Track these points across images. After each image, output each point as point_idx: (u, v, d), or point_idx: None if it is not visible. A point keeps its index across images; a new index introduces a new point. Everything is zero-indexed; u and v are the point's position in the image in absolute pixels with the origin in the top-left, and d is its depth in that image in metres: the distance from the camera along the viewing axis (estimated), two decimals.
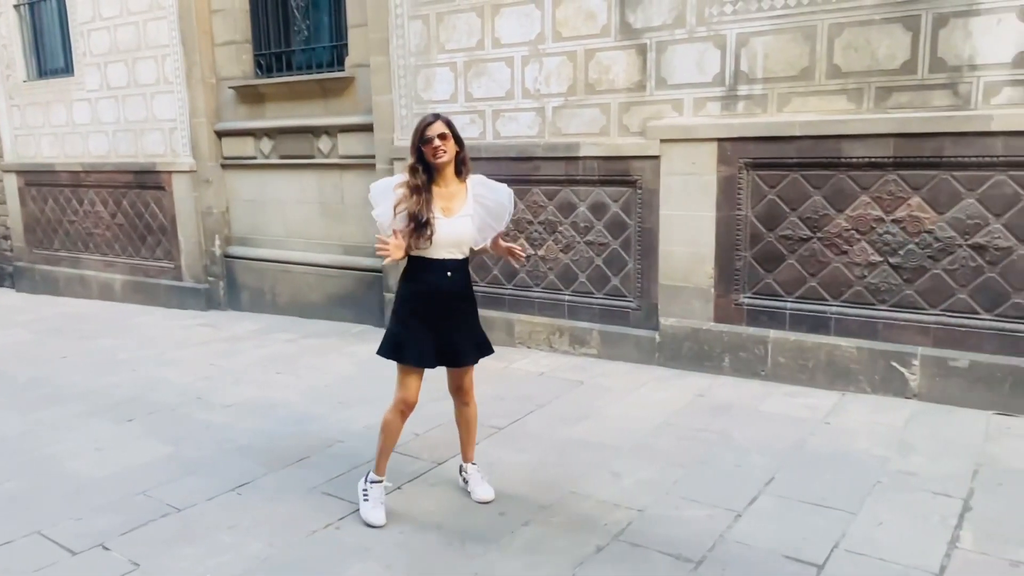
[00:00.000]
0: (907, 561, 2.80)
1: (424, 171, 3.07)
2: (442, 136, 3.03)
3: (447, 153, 3.05)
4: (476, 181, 3.19)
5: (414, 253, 3.11)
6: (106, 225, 8.83)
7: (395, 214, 3.06)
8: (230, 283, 8.03)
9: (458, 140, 3.10)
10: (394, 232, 3.01)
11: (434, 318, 3.16)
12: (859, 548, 2.91)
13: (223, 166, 7.87)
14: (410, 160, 3.10)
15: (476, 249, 3.25)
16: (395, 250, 2.97)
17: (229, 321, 7.52)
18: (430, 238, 3.04)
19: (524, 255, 3.12)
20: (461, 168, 3.15)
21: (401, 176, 3.13)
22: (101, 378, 5.63)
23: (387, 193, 3.11)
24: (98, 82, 8.48)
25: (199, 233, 7.95)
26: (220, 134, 7.78)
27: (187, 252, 8.08)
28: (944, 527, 3.05)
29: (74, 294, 9.24)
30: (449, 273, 3.14)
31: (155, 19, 7.79)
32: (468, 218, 3.12)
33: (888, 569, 2.77)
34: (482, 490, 3.44)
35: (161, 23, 7.75)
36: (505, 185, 3.22)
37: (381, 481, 3.32)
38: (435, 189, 3.10)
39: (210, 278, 8.04)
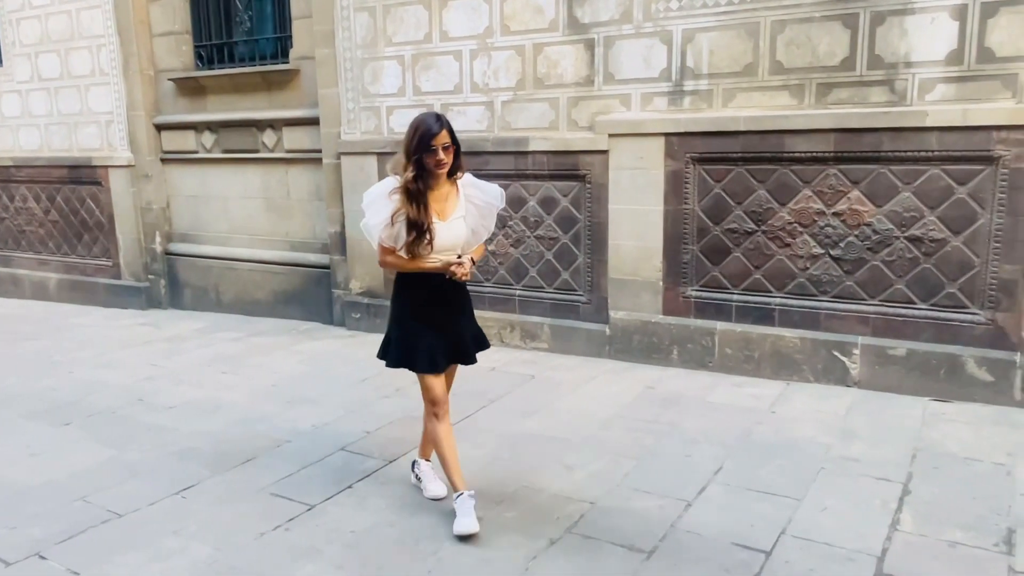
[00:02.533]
0: (850, 545, 2.88)
1: (420, 175, 2.94)
2: (446, 148, 2.93)
3: (448, 164, 2.98)
4: (466, 182, 3.13)
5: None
6: (39, 222, 8.50)
7: (393, 222, 2.95)
8: (172, 281, 7.81)
9: (456, 144, 3.00)
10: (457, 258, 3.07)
11: (439, 320, 3.14)
12: (805, 533, 2.98)
13: (163, 160, 7.65)
14: (408, 170, 2.92)
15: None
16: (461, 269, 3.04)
17: (171, 320, 7.32)
18: (431, 243, 2.99)
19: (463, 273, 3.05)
20: (455, 171, 3.07)
21: (390, 181, 3.00)
22: (36, 381, 5.42)
23: (382, 200, 2.99)
24: (28, 73, 8.15)
25: (138, 230, 7.72)
26: (159, 127, 7.56)
27: (126, 249, 7.83)
28: (885, 511, 3.14)
29: (6, 294, 8.88)
30: (447, 275, 3.08)
31: (89, 7, 7.52)
32: (461, 220, 3.08)
33: (833, 553, 2.84)
34: (435, 487, 3.39)
35: (95, 12, 7.48)
36: (496, 185, 3.19)
37: (462, 494, 3.10)
38: (429, 193, 3.01)
39: (150, 276, 7.81)
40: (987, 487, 3.33)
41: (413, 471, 3.53)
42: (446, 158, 2.95)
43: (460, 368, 3.38)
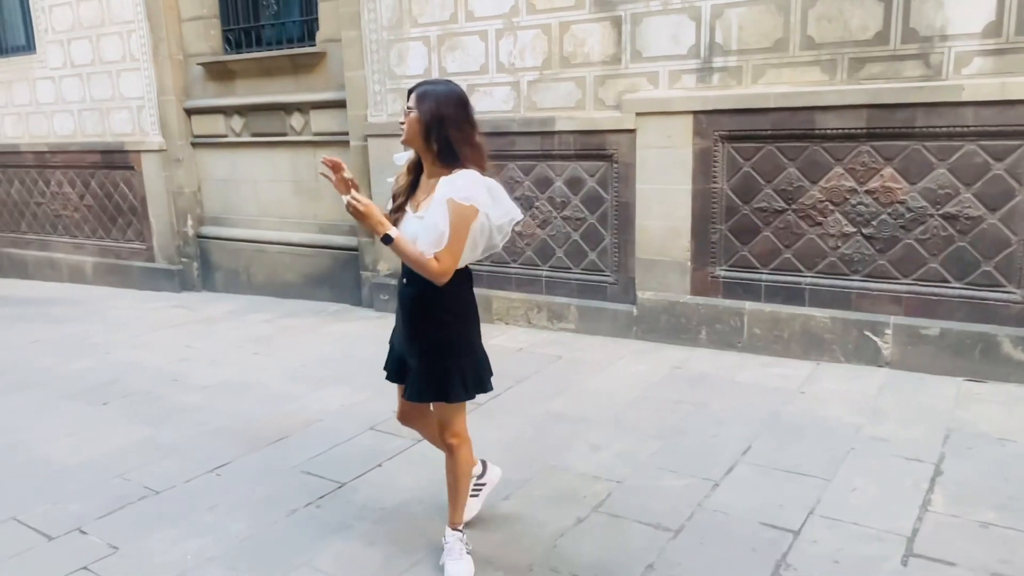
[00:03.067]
0: (880, 525, 2.86)
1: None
2: (409, 112, 2.46)
3: (405, 134, 2.47)
4: (450, 178, 2.42)
5: None
6: (74, 207, 8.66)
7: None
8: (204, 264, 7.93)
9: (430, 120, 2.40)
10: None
11: (397, 328, 2.74)
12: (834, 513, 2.97)
13: (193, 145, 7.74)
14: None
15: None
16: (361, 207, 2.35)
17: (204, 302, 7.44)
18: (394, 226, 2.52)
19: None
20: (442, 157, 2.44)
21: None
22: (73, 362, 5.55)
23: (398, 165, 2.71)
24: (61, 59, 8.27)
25: (171, 213, 7.83)
26: (189, 112, 7.64)
27: (159, 233, 7.96)
28: (916, 491, 3.11)
29: (44, 277, 9.08)
30: (404, 279, 2.60)
31: None
32: (419, 221, 2.47)
33: (862, 533, 2.82)
34: (454, 567, 2.65)
35: None
36: (463, 190, 2.37)
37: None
38: (422, 178, 2.57)
39: (183, 259, 7.94)
40: (1021, 468, 3.27)
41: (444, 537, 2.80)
42: (404, 122, 2.46)
43: (487, 349, 2.75)
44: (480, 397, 4.34)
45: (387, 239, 2.38)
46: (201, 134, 7.66)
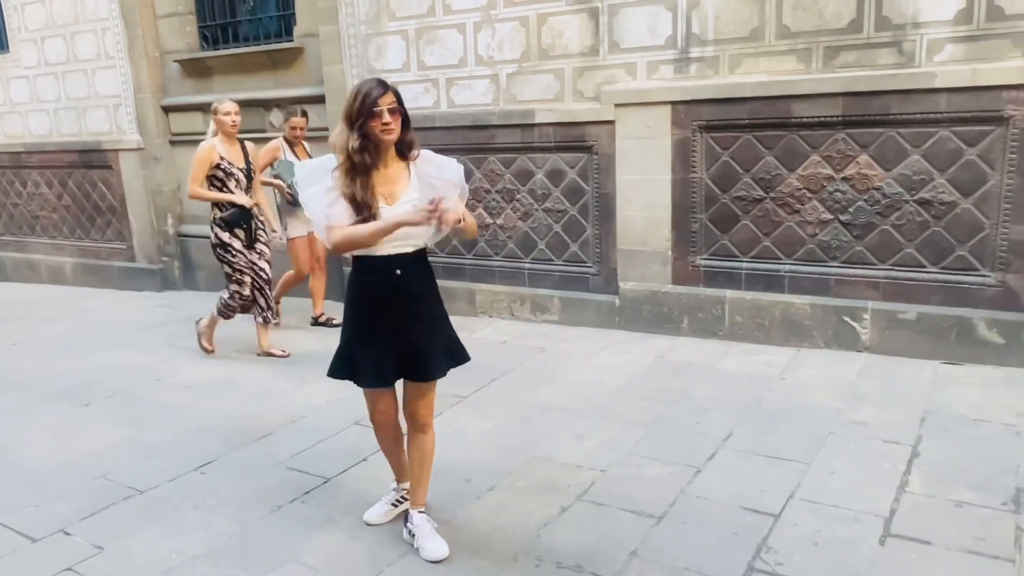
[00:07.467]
0: (859, 507, 2.91)
1: (365, 147, 2.54)
2: (393, 110, 2.54)
3: (396, 131, 2.57)
4: (422, 159, 2.68)
5: (357, 252, 2.66)
6: (52, 207, 8.58)
7: (329, 200, 2.57)
8: (185, 263, 7.88)
9: (405, 116, 2.60)
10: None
11: (388, 326, 2.68)
12: (813, 497, 3.01)
13: (172, 142, 7.68)
14: (352, 138, 2.52)
15: (432, 239, 2.71)
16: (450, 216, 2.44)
17: (186, 301, 7.39)
18: None
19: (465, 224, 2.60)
20: (405, 147, 2.64)
21: (332, 158, 2.62)
22: (55, 364, 5.51)
23: (321, 176, 2.61)
24: (35, 58, 8.17)
25: (150, 212, 7.77)
26: (167, 109, 7.58)
27: (139, 232, 7.90)
28: (893, 473, 3.17)
29: (23, 279, 8.99)
30: (398, 271, 2.63)
31: None
32: (411, 205, 2.58)
33: (841, 515, 2.87)
34: (433, 545, 2.77)
35: None
36: (453, 160, 2.72)
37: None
38: (374, 172, 2.60)
39: (164, 258, 7.88)
40: (996, 447, 3.34)
41: (405, 526, 2.91)
42: (393, 122, 2.53)
43: (471, 342, 2.98)
44: (465, 390, 4.39)
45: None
46: (179, 132, 7.60)
